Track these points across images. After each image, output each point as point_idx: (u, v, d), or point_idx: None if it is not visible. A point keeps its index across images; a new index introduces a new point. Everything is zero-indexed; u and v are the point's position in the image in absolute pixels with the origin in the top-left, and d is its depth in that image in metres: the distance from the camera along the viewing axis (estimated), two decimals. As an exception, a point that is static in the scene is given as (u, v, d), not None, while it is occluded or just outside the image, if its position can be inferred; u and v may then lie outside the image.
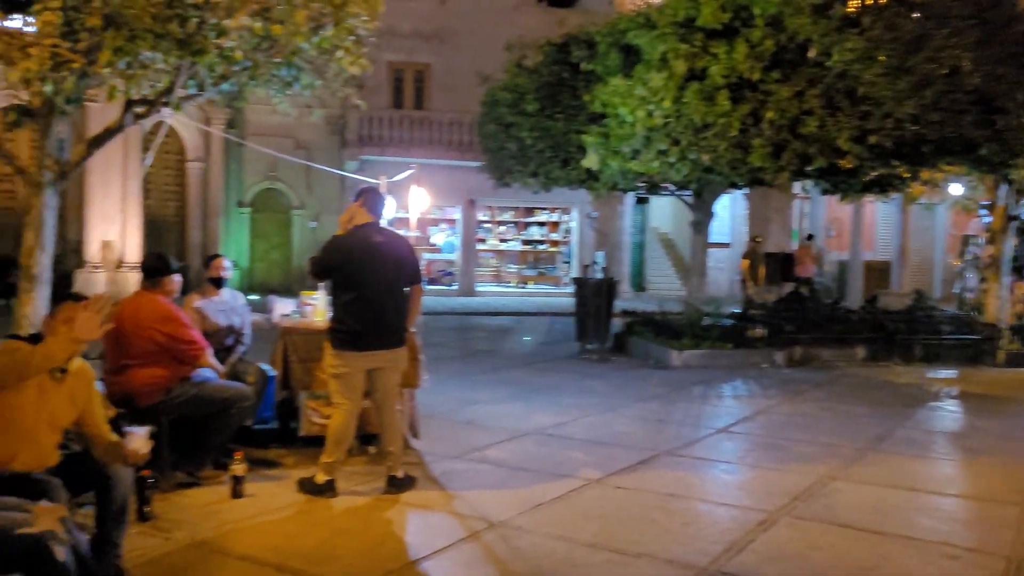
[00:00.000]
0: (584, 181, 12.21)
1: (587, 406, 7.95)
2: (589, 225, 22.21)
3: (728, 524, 4.77)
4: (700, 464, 6.12)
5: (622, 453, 6.19)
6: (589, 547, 4.30)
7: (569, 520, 4.71)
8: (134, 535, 3.93)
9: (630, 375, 10.06)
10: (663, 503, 5.10)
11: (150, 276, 5.06)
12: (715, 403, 8.72)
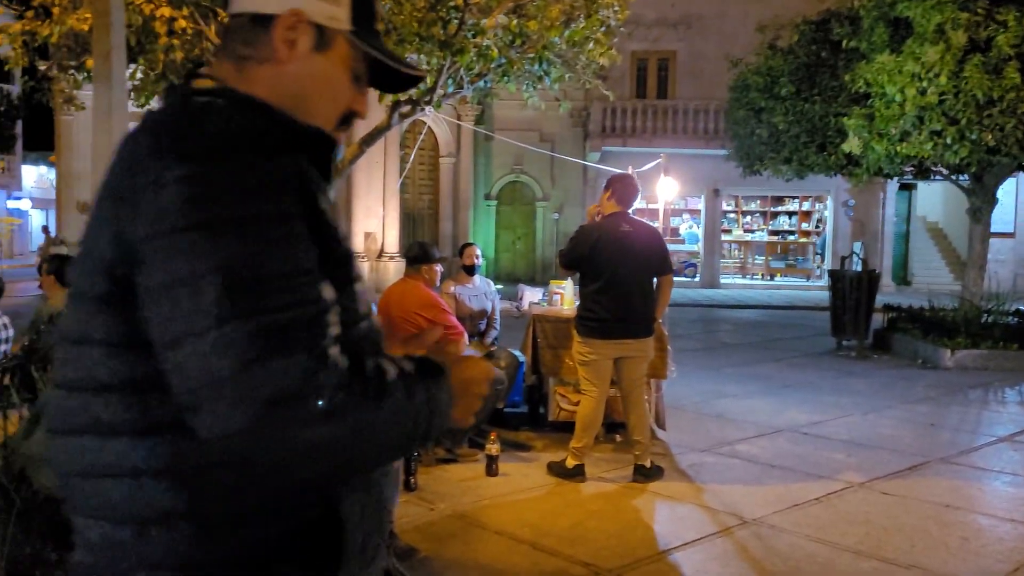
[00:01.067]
0: (843, 167, 11.49)
1: (846, 405, 7.47)
2: (845, 214, 20.86)
3: (1017, 543, 4.28)
4: (980, 474, 5.55)
5: (888, 457, 5.76)
6: (853, 553, 4.04)
7: (830, 523, 4.46)
8: (403, 503, 4.24)
9: (894, 374, 9.33)
10: (937, 514, 4.68)
11: (413, 263, 5.41)
12: (997, 409, 7.87)
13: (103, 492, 0.99)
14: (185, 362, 0.91)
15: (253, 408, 0.89)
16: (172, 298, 0.92)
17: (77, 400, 1.02)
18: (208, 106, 1.05)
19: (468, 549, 3.97)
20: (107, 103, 3.38)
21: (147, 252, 0.95)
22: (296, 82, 1.13)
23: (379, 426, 0.96)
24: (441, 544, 4.00)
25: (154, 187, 0.95)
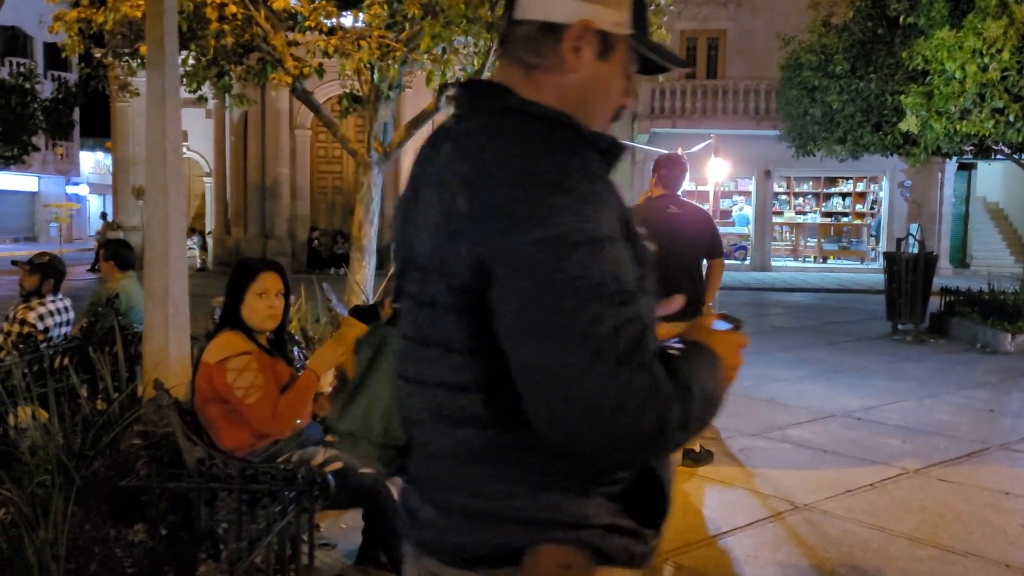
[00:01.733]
0: (900, 147, 11.21)
1: (901, 390, 7.32)
2: (901, 195, 20.37)
3: (1081, 532, 4.16)
4: (1042, 462, 5.40)
5: (945, 443, 5.63)
6: (909, 540, 3.96)
7: (885, 510, 4.38)
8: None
9: (952, 359, 9.11)
10: (996, 501, 4.56)
11: None
12: (1059, 395, 7.64)
13: (472, 474, 1.16)
14: (537, 372, 1.03)
15: (601, 419, 1.02)
16: (526, 313, 1.03)
17: (427, 393, 1.18)
18: (537, 130, 1.12)
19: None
20: (160, 89, 3.44)
21: (500, 271, 1.06)
22: (581, 89, 1.20)
23: (691, 420, 1.09)
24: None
25: (513, 215, 1.05)
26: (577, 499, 1.14)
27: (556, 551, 1.13)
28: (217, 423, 2.91)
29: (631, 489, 1.18)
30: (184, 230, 3.76)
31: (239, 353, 2.89)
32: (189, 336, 3.69)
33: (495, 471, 1.15)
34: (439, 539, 1.20)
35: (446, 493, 1.19)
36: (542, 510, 1.13)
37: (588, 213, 1.05)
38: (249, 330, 2.99)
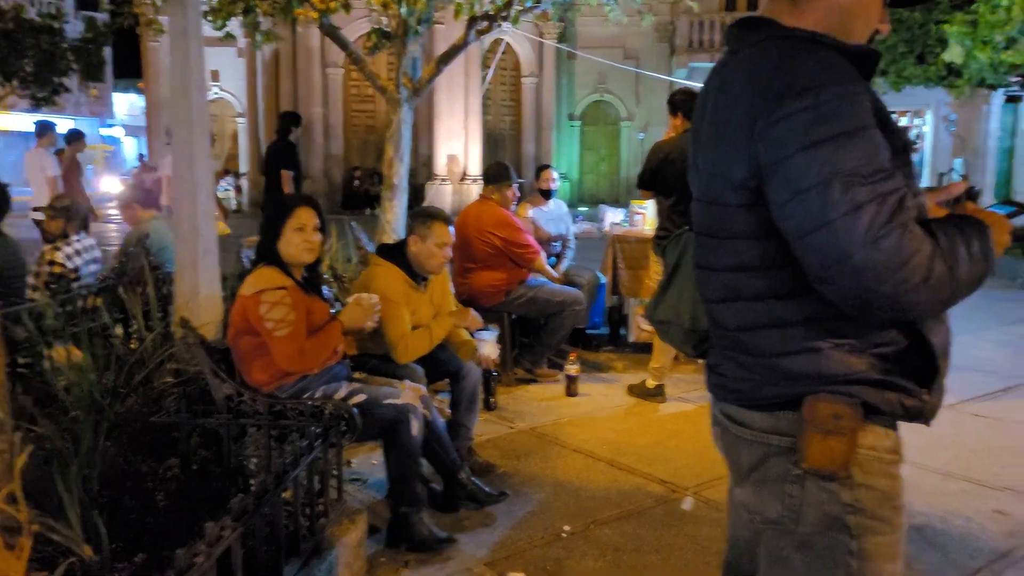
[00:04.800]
0: (944, 78, 10.85)
1: None
2: (946, 129, 19.78)
3: (1118, 467, 4.10)
4: (1081, 398, 5.31)
5: (980, 379, 5.55)
6: (942, 475, 3.94)
7: (916, 445, 4.26)
8: (482, 422, 4.31)
9: (992, 295, 8.91)
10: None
11: (491, 182, 5.38)
12: (1102, 331, 7.48)
13: (762, 339, 1.40)
14: (819, 245, 1.25)
15: (874, 275, 1.22)
16: (804, 200, 1.25)
17: (720, 276, 1.45)
18: (795, 48, 1.33)
19: (546, 465, 4.03)
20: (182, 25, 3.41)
21: (778, 169, 1.29)
22: (843, 12, 1.41)
23: (957, 275, 1.26)
24: (520, 460, 4.07)
25: (778, 121, 1.28)
26: (850, 357, 1.35)
27: (829, 402, 1.34)
28: (248, 356, 2.95)
29: (903, 351, 1.36)
30: (211, 169, 3.76)
31: (275, 287, 2.93)
32: (219, 275, 3.72)
33: (780, 335, 1.38)
34: (734, 387, 1.48)
35: (740, 352, 1.45)
36: (819, 367, 1.35)
37: (843, 109, 1.25)
38: (286, 266, 3.02)
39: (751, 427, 1.46)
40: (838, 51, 1.33)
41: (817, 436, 1.36)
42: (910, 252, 1.21)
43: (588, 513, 3.49)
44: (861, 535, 1.40)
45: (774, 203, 1.31)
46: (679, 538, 3.28)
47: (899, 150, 1.31)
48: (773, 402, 1.41)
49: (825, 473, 1.37)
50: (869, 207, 1.22)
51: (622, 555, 3.15)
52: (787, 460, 1.40)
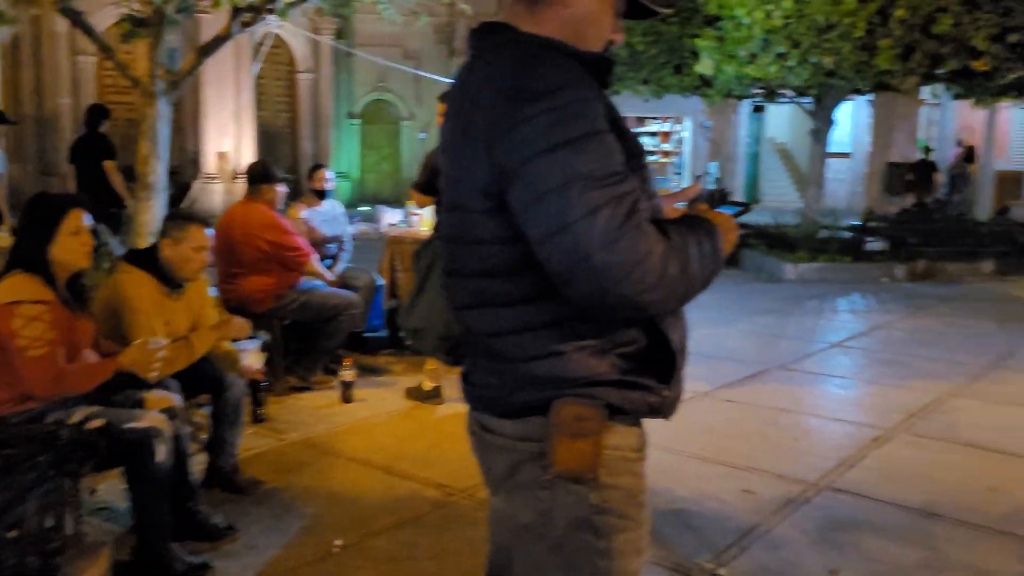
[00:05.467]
0: (698, 88, 11.72)
1: (697, 320, 7.52)
2: (702, 135, 21.46)
3: (841, 440, 4.61)
4: (813, 379, 5.92)
5: (733, 367, 6.04)
6: (698, 460, 4.23)
7: (677, 433, 4.58)
8: (249, 435, 4.10)
9: (742, 289, 9.78)
10: (774, 418, 4.96)
11: (256, 182, 5.13)
12: (831, 317, 8.40)
13: (510, 344, 1.41)
14: (560, 248, 1.27)
15: (614, 275, 1.24)
16: (544, 204, 1.27)
17: (467, 282, 1.44)
18: (533, 53, 1.35)
19: (319, 477, 3.90)
20: None
21: (519, 173, 1.29)
22: (578, 21, 1.44)
23: (690, 273, 1.32)
24: (291, 474, 3.91)
25: (518, 124, 1.29)
26: (593, 359, 1.38)
27: (574, 405, 1.37)
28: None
29: (643, 350, 1.41)
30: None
31: (34, 300, 2.61)
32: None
33: (527, 340, 1.39)
34: (486, 395, 1.48)
35: (490, 359, 1.45)
36: (564, 370, 1.37)
37: (580, 113, 1.28)
38: (50, 274, 2.71)
39: (503, 434, 1.47)
40: (574, 58, 1.36)
41: (564, 440, 1.38)
42: (644, 252, 1.25)
43: (362, 524, 3.40)
44: (609, 534, 1.44)
45: (516, 207, 1.32)
46: (455, 542, 3.28)
47: (633, 154, 1.36)
48: (523, 408, 1.42)
49: (573, 476, 1.39)
50: (605, 210, 1.24)
51: (397, 565, 3.10)
52: (537, 466, 1.42)
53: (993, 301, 9.19)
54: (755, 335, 7.30)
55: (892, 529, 3.49)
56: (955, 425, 4.84)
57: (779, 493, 3.82)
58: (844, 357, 6.67)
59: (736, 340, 7.00)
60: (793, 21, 9.24)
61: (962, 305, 8.90)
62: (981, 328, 7.67)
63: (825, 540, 3.39)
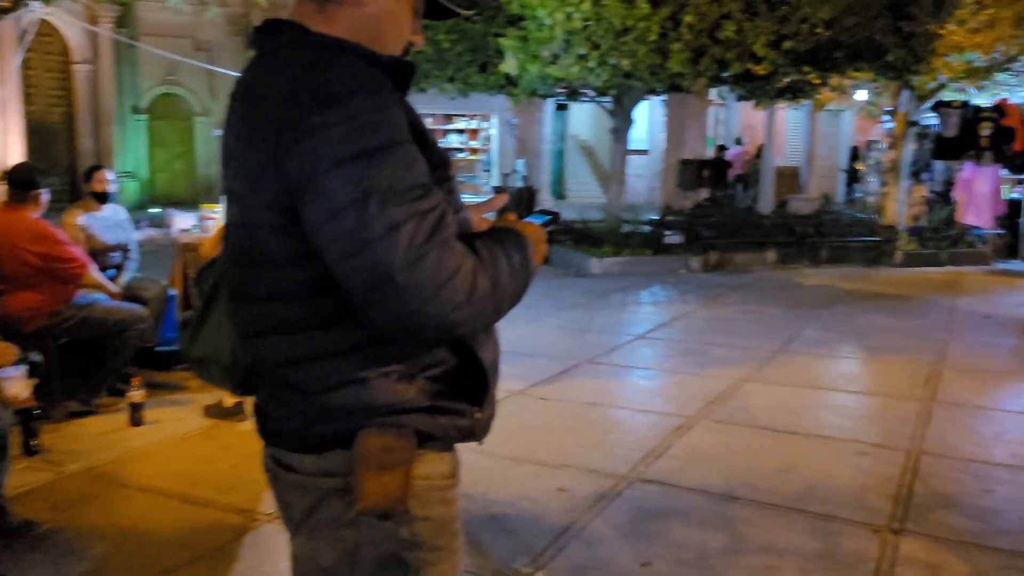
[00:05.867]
0: (503, 87, 11.85)
1: (509, 317, 7.59)
2: (509, 132, 21.80)
3: (647, 431, 4.76)
4: (620, 371, 6.11)
5: (545, 363, 6.12)
6: (512, 460, 4.22)
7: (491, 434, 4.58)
8: (20, 470, 3.66)
9: (551, 284, 9.98)
10: (584, 412, 5.06)
11: (19, 188, 4.59)
12: (635, 310, 8.75)
13: (307, 374, 1.29)
14: (359, 269, 1.16)
15: (420, 296, 1.16)
16: (341, 221, 1.16)
17: (258, 307, 1.32)
18: (323, 56, 1.23)
19: (106, 512, 3.53)
20: None
21: (311, 187, 1.17)
22: (373, 20, 1.34)
23: (500, 289, 1.25)
24: (72, 511, 3.52)
25: (309, 134, 1.17)
26: (399, 385, 1.29)
27: (380, 435, 1.27)
28: None
29: (453, 371, 1.33)
30: None
31: None
32: None
33: (326, 368, 1.28)
34: (282, 429, 1.36)
35: (285, 390, 1.32)
36: (367, 399, 1.27)
37: (376, 122, 1.18)
38: None
39: (302, 471, 1.35)
40: (370, 61, 1.26)
41: (370, 473, 1.28)
42: (452, 270, 1.18)
43: (155, 562, 3.11)
44: (420, 569, 1.35)
45: (310, 224, 1.20)
46: (259, 571, 3.07)
47: (437, 165, 1.27)
48: (323, 442, 1.31)
49: (381, 511, 1.30)
50: (407, 226, 1.16)
51: (195, 603, 2.86)
52: (341, 503, 1.31)
53: (777, 288, 9.93)
54: (565, 330, 7.46)
55: (697, 515, 3.63)
56: (749, 409, 5.14)
57: (592, 488, 3.88)
58: (648, 348, 6.94)
59: (547, 336, 7.11)
60: (592, 24, 9.54)
61: (751, 293, 9.55)
62: (768, 314, 8.25)
63: (637, 532, 3.47)
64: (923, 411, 5.11)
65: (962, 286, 10.40)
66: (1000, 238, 12.75)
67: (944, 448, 4.49)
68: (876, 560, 3.25)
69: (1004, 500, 3.88)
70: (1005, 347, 7.17)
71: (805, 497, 3.83)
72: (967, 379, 5.92)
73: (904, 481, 4.02)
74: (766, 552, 3.31)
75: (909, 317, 8.28)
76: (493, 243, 1.29)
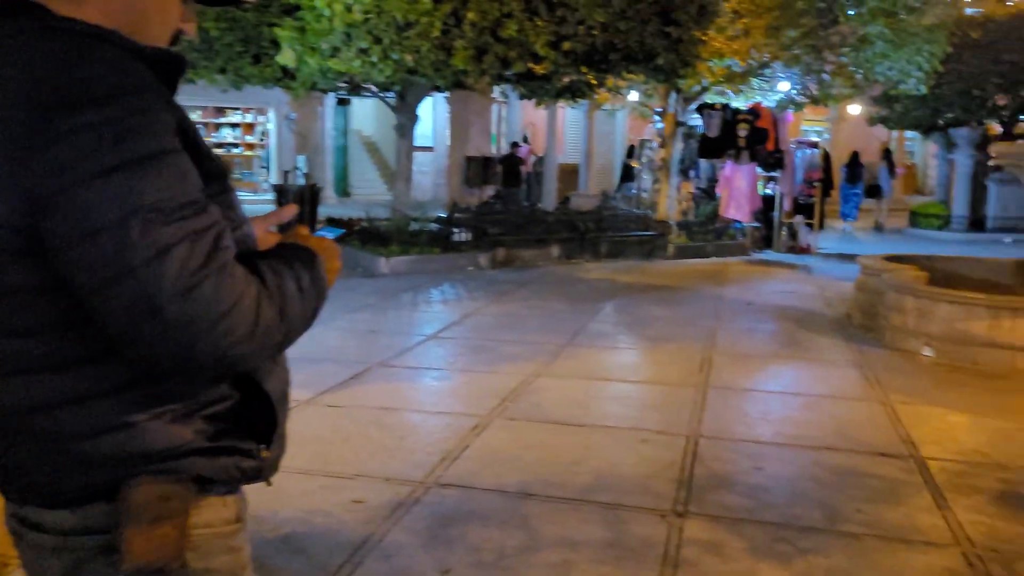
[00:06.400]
0: (280, 80, 11.37)
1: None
2: (288, 128, 21.06)
3: (443, 433, 4.72)
4: (413, 373, 6.04)
5: (334, 369, 5.91)
6: (303, 474, 4.01)
7: (278, 448, 4.38)
8: None
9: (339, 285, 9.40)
10: (378, 418, 4.93)
11: None
12: (425, 309, 8.71)
13: (57, 420, 1.10)
14: (120, 299, 1.00)
15: (195, 330, 1.01)
16: (96, 243, 0.99)
17: (2, 345, 1.10)
18: (74, 45, 1.03)
19: None
20: None
21: (59, 204, 0.99)
22: (133, 4, 1.14)
23: (288, 315, 1.12)
24: None
25: (56, 141, 0.99)
26: (174, 427, 1.13)
27: (151, 484, 1.12)
28: None
29: (236, 406, 1.19)
30: None
31: None
32: None
33: (81, 413, 1.10)
34: (27, 483, 1.16)
35: (30, 440, 1.13)
36: (136, 445, 1.11)
37: (141, 127, 1.02)
38: None
39: (56, 530, 1.16)
40: (133, 54, 1.07)
41: (141, 527, 1.12)
42: (232, 299, 1.03)
43: None
44: None
45: (57, 247, 1.02)
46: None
47: (213, 176, 1.13)
48: (81, 495, 1.14)
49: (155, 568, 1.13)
50: (179, 249, 1.00)
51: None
52: (105, 563, 1.14)
53: (562, 283, 10.28)
54: (354, 333, 7.27)
55: (494, 516, 3.63)
56: (541, 404, 5.24)
57: (388, 498, 3.78)
58: (440, 348, 6.92)
59: (335, 340, 6.89)
60: (373, 17, 9.36)
61: (537, 288, 9.81)
62: (555, 309, 8.50)
63: (436, 539, 3.40)
64: (699, 396, 5.45)
65: (727, 276, 11.28)
66: (757, 231, 13.98)
67: (719, 431, 4.81)
68: (664, 544, 3.39)
69: (772, 477, 4.20)
70: (766, 332, 7.84)
71: (595, 488, 3.94)
72: (735, 364, 6.39)
73: (685, 465, 4.24)
74: (561, 546, 3.36)
75: (682, 307, 8.84)
76: (280, 264, 1.16)
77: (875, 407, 5.30)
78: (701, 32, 11.24)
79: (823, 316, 8.40)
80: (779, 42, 12.92)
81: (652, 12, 10.30)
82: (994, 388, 5.74)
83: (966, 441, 4.79)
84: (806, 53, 13.22)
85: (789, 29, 12.81)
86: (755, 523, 3.61)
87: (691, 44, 11.08)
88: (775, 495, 3.95)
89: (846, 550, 3.36)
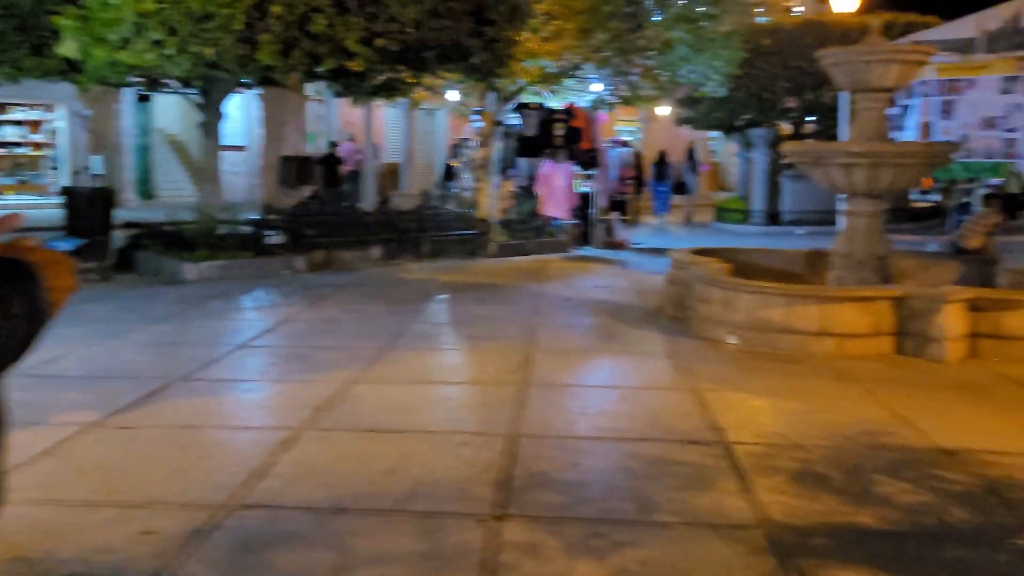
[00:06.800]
0: (64, 73, 10.38)
1: (85, 335, 6.81)
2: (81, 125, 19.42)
3: (250, 450, 4.41)
4: (219, 387, 5.64)
5: (128, 386, 5.41)
6: (85, 506, 3.61)
7: (60, 477, 3.93)
8: None
9: (138, 294, 9.02)
10: (175, 438, 4.54)
11: None
12: (235, 317, 8.23)
13: None
14: None
15: None
16: None
17: None
18: None
19: None
20: None
21: None
22: None
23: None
24: None
25: None
26: None
27: None
28: None
29: None
30: None
31: None
32: None
33: None
34: None
35: None
36: None
37: None
38: None
39: None
40: None
41: None
42: None
43: None
44: None
45: None
46: None
47: None
48: None
49: None
50: None
51: None
52: None
53: (383, 285, 10.04)
54: (153, 346, 6.72)
55: (304, 536, 3.39)
56: (357, 412, 5.02)
57: (184, 525, 3.44)
58: (251, 358, 6.52)
59: (130, 354, 6.34)
60: (168, 7, 8.71)
61: (357, 291, 9.52)
62: (374, 312, 8.25)
63: (236, 567, 3.13)
64: (519, 394, 5.41)
65: (547, 273, 11.43)
66: (575, 227, 14.30)
67: (539, 428, 4.78)
68: (481, 550, 3.29)
69: (588, 472, 4.21)
70: (584, 327, 7.96)
71: (411, 497, 3.79)
72: (555, 360, 6.42)
73: (504, 466, 4.16)
74: (376, 563, 3.18)
75: (503, 304, 8.84)
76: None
77: (685, 396, 5.47)
78: (515, 32, 11.34)
79: (638, 309, 8.65)
80: (589, 44, 13.27)
81: (465, 11, 10.25)
82: (791, 372, 6.08)
83: (767, 424, 5.02)
84: (615, 55, 13.66)
85: (598, 32, 13.18)
86: (572, 520, 3.58)
87: (505, 44, 11.14)
88: (591, 490, 3.95)
89: (658, 540, 3.39)
